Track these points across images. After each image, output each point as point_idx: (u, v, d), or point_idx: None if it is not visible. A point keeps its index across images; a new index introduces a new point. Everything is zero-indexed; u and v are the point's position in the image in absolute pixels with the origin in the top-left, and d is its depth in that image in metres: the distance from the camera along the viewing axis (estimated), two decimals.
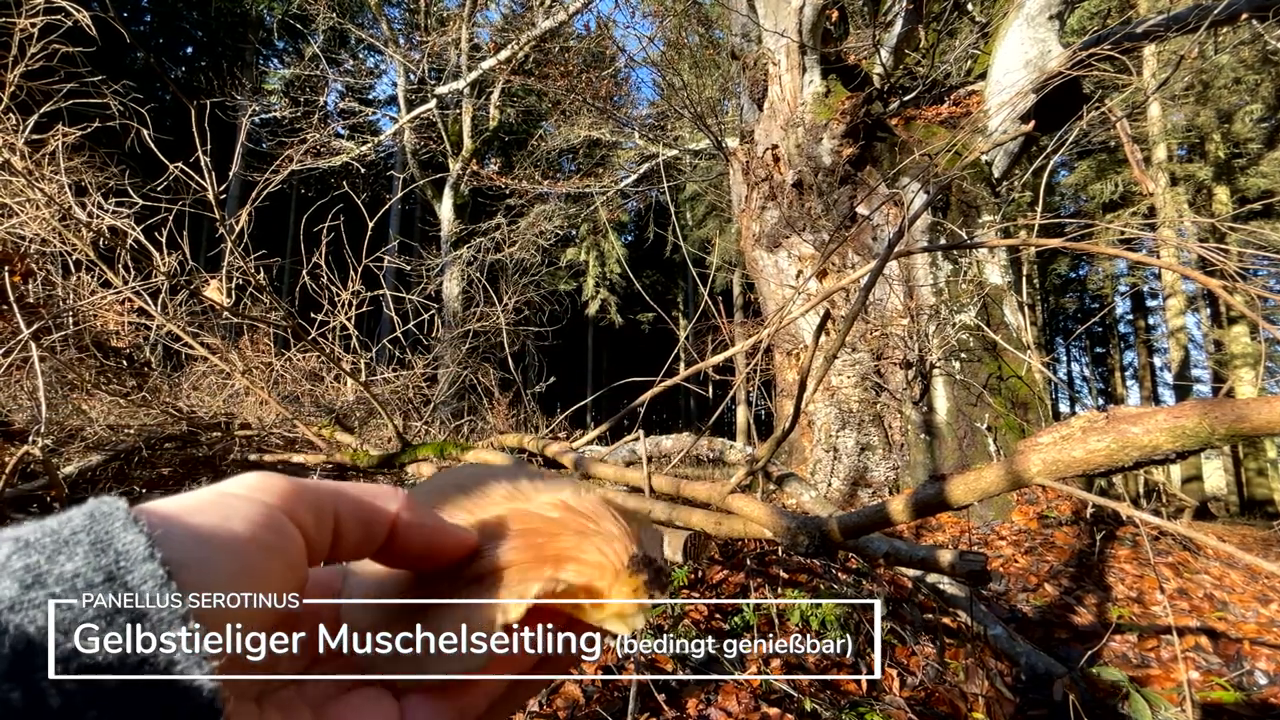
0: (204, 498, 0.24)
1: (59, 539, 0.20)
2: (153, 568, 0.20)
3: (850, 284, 3.12)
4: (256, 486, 0.25)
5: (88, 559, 0.20)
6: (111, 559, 0.20)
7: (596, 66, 10.20)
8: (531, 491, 0.37)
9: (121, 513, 0.21)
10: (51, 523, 0.21)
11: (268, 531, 0.24)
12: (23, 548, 0.20)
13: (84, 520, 0.21)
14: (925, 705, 1.90)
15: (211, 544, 0.22)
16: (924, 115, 5.19)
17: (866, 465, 4.52)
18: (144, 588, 0.20)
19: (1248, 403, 0.82)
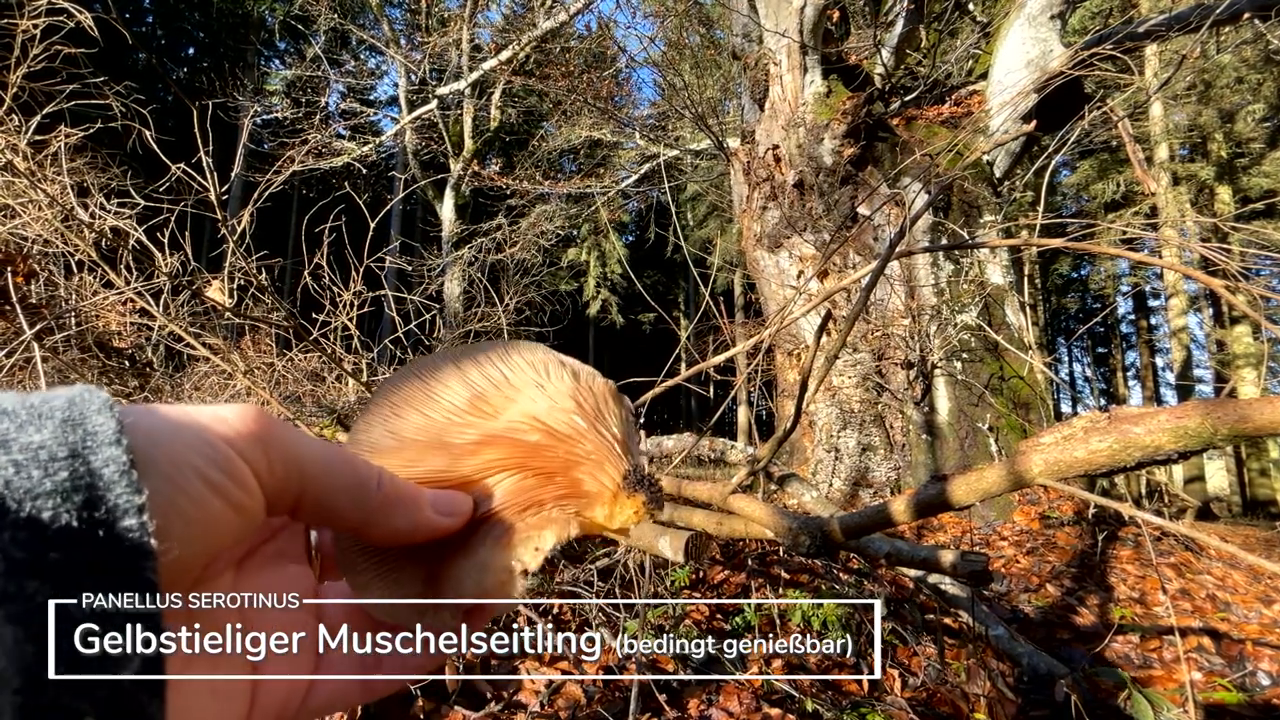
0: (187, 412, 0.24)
1: (34, 412, 0.21)
2: (117, 453, 0.20)
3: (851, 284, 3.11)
4: (231, 419, 0.25)
5: (56, 433, 0.20)
6: (79, 437, 0.20)
7: (597, 67, 10.21)
8: (497, 399, 0.35)
9: (100, 399, 0.22)
10: (35, 397, 0.21)
11: (213, 468, 0.23)
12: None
13: (64, 401, 0.21)
14: (927, 706, 1.89)
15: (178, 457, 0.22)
16: (925, 115, 5.18)
17: (868, 465, 4.51)
18: (105, 470, 0.20)
19: (1250, 403, 0.82)
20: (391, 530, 0.29)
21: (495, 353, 0.36)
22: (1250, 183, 13.00)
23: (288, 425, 0.27)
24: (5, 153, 2.11)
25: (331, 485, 0.27)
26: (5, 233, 2.34)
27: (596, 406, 0.35)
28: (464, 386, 0.35)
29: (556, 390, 0.35)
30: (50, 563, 0.19)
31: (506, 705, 1.50)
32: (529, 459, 0.33)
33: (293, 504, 0.27)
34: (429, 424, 0.34)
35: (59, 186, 2.24)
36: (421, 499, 0.30)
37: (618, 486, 0.33)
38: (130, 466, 0.20)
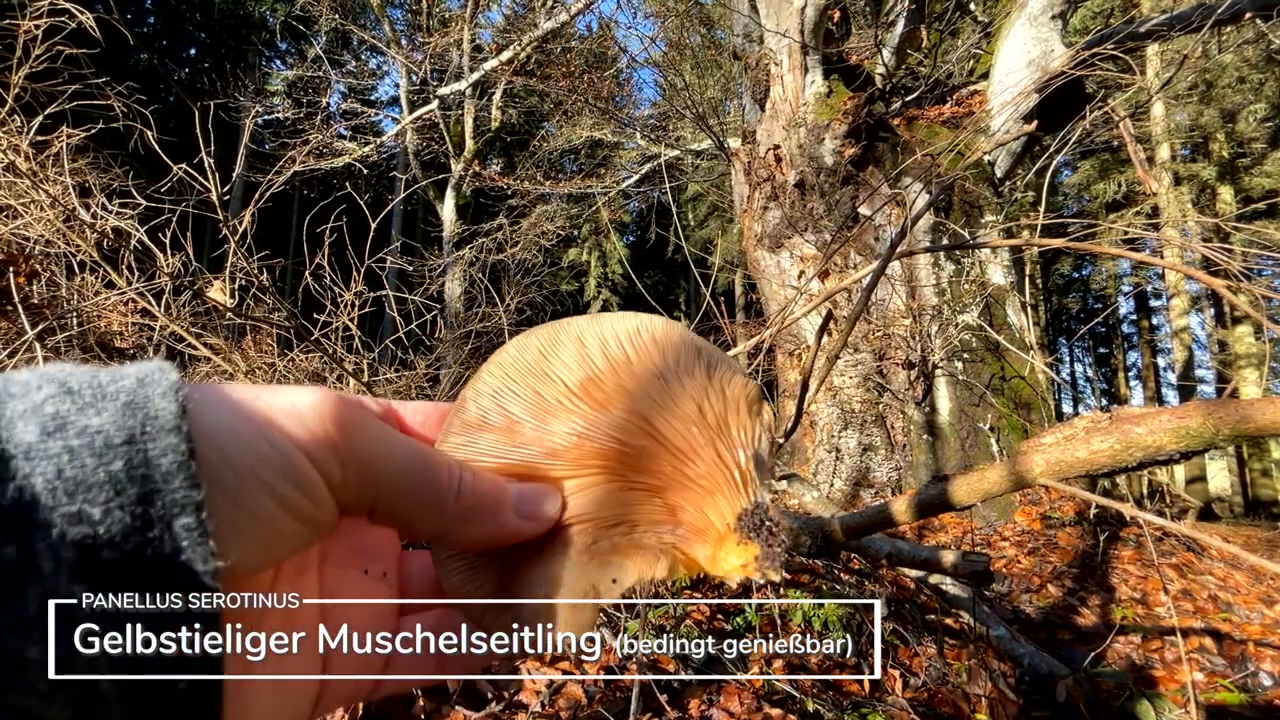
0: (260, 406, 0.23)
1: (100, 393, 0.19)
2: (175, 441, 0.19)
3: (852, 284, 3.11)
4: (307, 418, 0.23)
5: (116, 418, 0.19)
6: (139, 421, 0.19)
7: (598, 67, 10.21)
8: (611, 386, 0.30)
9: (168, 382, 0.20)
10: (105, 375, 0.20)
11: (282, 480, 0.22)
12: (62, 393, 0.19)
13: (133, 381, 0.20)
14: (928, 706, 1.89)
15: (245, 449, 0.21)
16: (926, 115, 5.18)
17: (869, 466, 4.51)
18: (163, 461, 0.19)
19: (1252, 403, 0.82)
20: (467, 540, 0.28)
21: (625, 327, 0.31)
22: (1252, 182, 12.98)
23: (367, 420, 0.25)
24: (7, 153, 2.11)
25: (408, 498, 0.26)
26: (7, 233, 2.35)
27: (723, 417, 0.30)
28: (579, 365, 0.30)
29: (679, 388, 0.30)
30: (101, 563, 0.18)
31: (507, 705, 1.51)
32: (631, 467, 0.29)
33: (368, 511, 0.25)
34: (538, 404, 0.30)
35: (61, 187, 2.24)
36: (504, 503, 0.28)
37: (728, 528, 0.28)
38: (189, 457, 0.19)
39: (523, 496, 0.29)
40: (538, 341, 0.31)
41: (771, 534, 0.28)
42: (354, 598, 0.29)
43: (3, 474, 0.17)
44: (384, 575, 0.31)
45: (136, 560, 0.18)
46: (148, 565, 0.18)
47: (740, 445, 0.30)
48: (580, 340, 0.31)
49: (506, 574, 0.29)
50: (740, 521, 0.28)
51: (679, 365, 0.31)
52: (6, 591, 0.16)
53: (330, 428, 0.23)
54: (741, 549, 0.28)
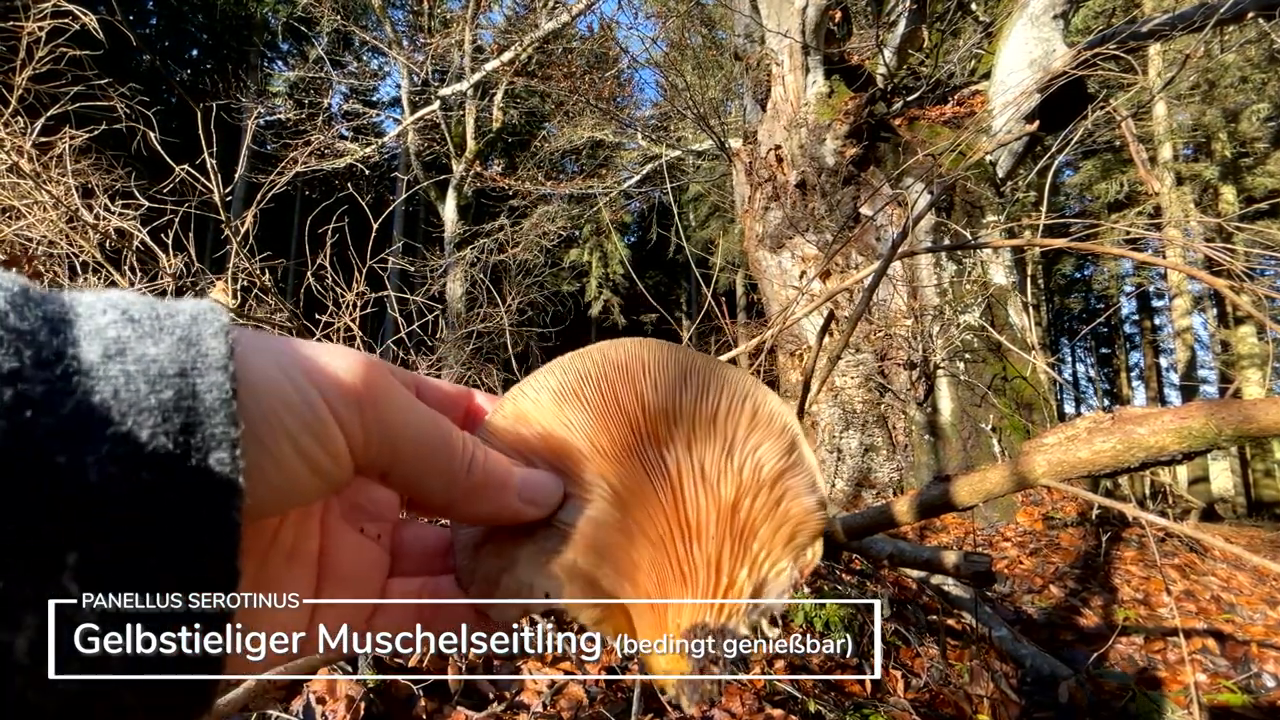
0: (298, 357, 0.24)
1: (158, 325, 0.21)
2: (221, 379, 0.20)
3: (854, 284, 3.11)
4: (341, 374, 0.24)
5: (171, 349, 0.20)
6: (191, 356, 0.20)
7: (599, 68, 10.21)
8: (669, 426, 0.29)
9: (219, 322, 0.22)
10: (163, 306, 0.21)
11: (306, 433, 0.23)
12: (124, 320, 0.20)
13: (187, 317, 0.21)
14: (929, 707, 1.89)
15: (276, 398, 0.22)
16: (928, 115, 5.17)
17: (870, 466, 4.50)
18: (208, 396, 0.20)
19: (1255, 403, 0.82)
20: (473, 515, 0.30)
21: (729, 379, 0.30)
22: (1254, 182, 12.95)
23: (394, 387, 0.26)
24: (11, 154, 2.12)
25: (422, 467, 0.27)
26: (11, 234, 2.35)
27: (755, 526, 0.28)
28: (649, 394, 0.30)
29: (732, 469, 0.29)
30: (140, 483, 0.19)
31: (509, 705, 1.51)
32: (637, 507, 0.29)
33: (381, 474, 0.27)
34: (588, 414, 0.30)
35: (64, 188, 2.25)
36: (509, 485, 0.29)
37: (676, 628, 0.26)
38: (232, 395, 0.20)
39: (527, 483, 0.30)
40: (618, 354, 0.31)
41: (712, 664, 0.26)
42: (349, 553, 0.30)
43: (66, 386, 0.18)
44: (379, 538, 0.32)
45: (171, 484, 0.19)
46: (180, 490, 0.19)
47: (752, 564, 0.28)
48: (660, 369, 0.30)
49: (489, 542, 0.31)
50: (691, 634, 0.26)
51: (753, 447, 0.30)
52: (53, 496, 0.17)
53: (360, 390, 0.25)
54: (674, 659, 0.26)
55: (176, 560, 0.19)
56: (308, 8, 10.93)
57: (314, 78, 11.06)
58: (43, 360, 0.18)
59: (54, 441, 0.17)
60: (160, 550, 0.19)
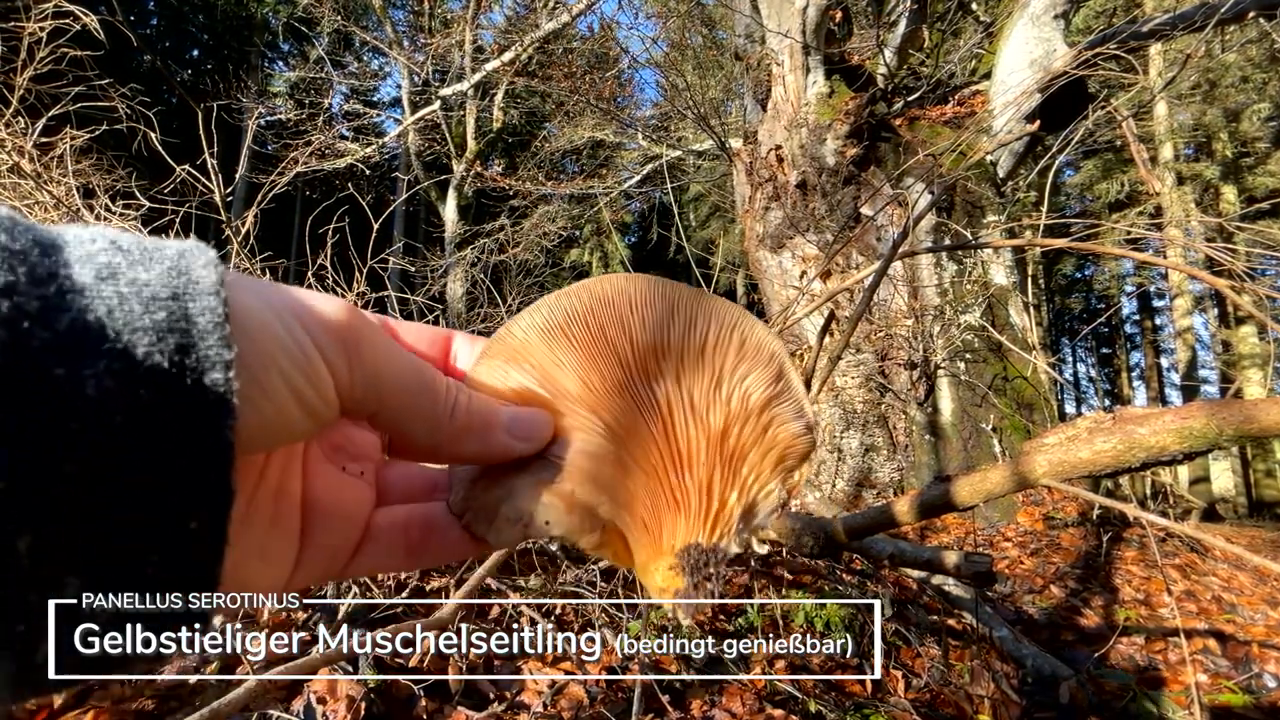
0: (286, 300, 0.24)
1: (148, 254, 0.21)
2: (214, 303, 0.21)
3: (854, 285, 3.11)
4: (329, 316, 0.25)
5: (162, 275, 0.20)
6: (182, 282, 0.21)
7: (600, 68, 10.21)
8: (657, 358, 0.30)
9: (208, 255, 0.22)
10: (149, 241, 0.22)
11: (296, 371, 0.23)
12: (114, 248, 0.20)
13: (175, 251, 0.22)
14: (930, 707, 1.89)
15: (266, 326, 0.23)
16: (928, 115, 5.17)
17: (871, 466, 4.50)
18: (201, 319, 0.20)
19: (1256, 403, 0.82)
20: (460, 456, 0.30)
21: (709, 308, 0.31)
22: (1255, 182, 12.94)
23: (377, 333, 0.27)
24: (12, 154, 2.12)
25: (406, 412, 0.27)
26: None
27: (744, 451, 0.30)
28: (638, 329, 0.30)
29: (720, 399, 0.30)
30: (138, 400, 0.19)
31: (509, 706, 1.51)
32: (631, 440, 0.30)
33: (369, 415, 0.27)
34: (577, 350, 0.30)
35: (65, 188, 2.25)
36: (494, 423, 0.29)
37: (670, 549, 0.28)
38: (225, 320, 0.21)
39: (516, 419, 0.30)
40: (604, 290, 0.31)
41: (705, 580, 0.27)
42: (333, 489, 0.30)
43: (61, 303, 0.18)
44: (361, 474, 0.32)
45: (167, 401, 0.19)
46: (176, 407, 0.20)
47: (741, 488, 0.29)
48: (648, 305, 0.30)
49: (484, 476, 0.31)
50: (685, 553, 0.28)
51: (741, 377, 0.30)
52: (52, 408, 0.17)
53: (345, 333, 0.25)
54: (670, 575, 0.27)
55: (175, 475, 0.19)
56: (308, 8, 10.94)
57: (314, 78, 11.07)
58: (36, 277, 0.18)
59: (51, 355, 0.17)
60: (158, 465, 0.19)
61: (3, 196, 2.25)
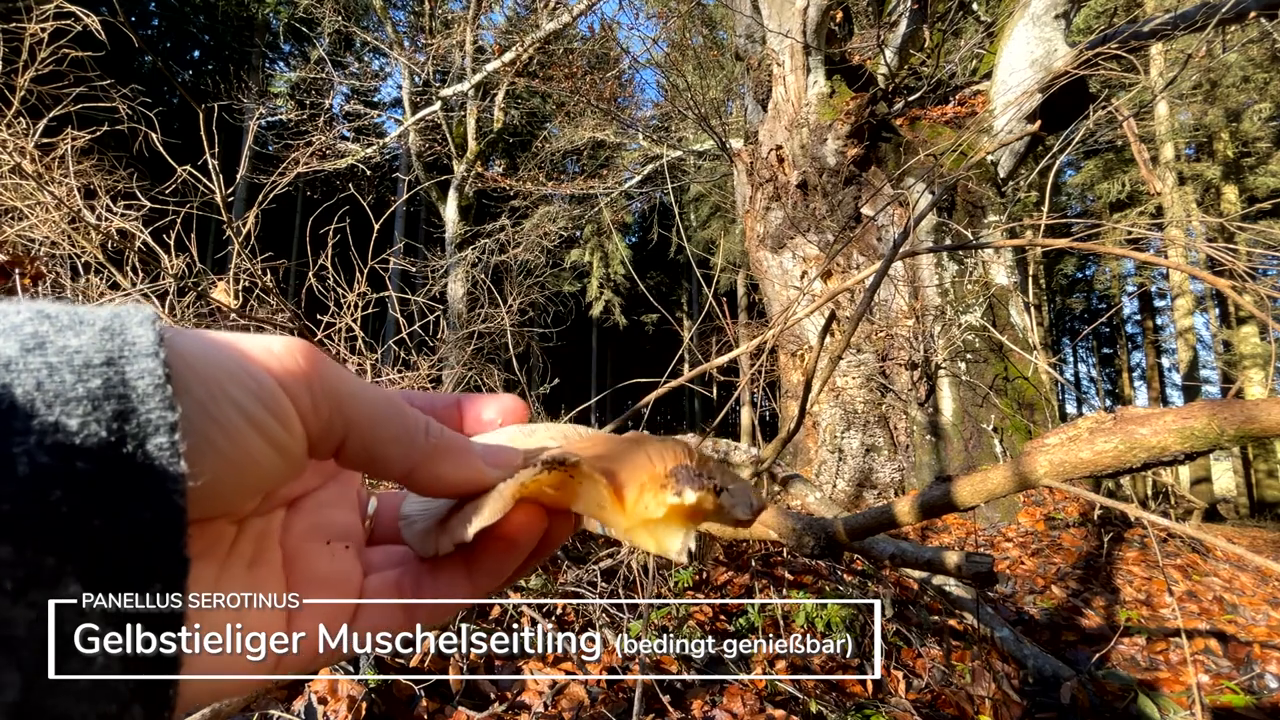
0: (232, 340, 0.23)
1: (77, 318, 0.20)
2: (153, 365, 0.20)
3: (855, 285, 3.11)
4: (278, 351, 0.24)
5: (94, 339, 0.19)
6: (117, 345, 0.20)
7: (601, 68, 10.22)
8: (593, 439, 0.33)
9: (144, 314, 0.21)
10: (82, 308, 0.21)
11: (253, 401, 0.22)
12: (40, 317, 0.19)
13: (108, 313, 0.21)
14: (931, 708, 1.89)
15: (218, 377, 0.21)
16: (929, 115, 5.17)
17: (872, 466, 4.50)
18: (140, 382, 0.19)
19: (1257, 403, 0.82)
20: (438, 478, 0.28)
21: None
22: (1257, 182, 12.93)
23: (335, 364, 0.26)
24: (13, 155, 2.12)
25: (378, 430, 0.26)
26: (13, 235, 2.36)
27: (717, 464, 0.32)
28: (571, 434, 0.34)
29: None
30: (76, 472, 0.18)
31: (510, 706, 1.51)
32: (595, 438, 0.32)
33: (336, 447, 0.26)
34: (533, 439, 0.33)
35: (66, 188, 2.25)
36: (470, 450, 0.29)
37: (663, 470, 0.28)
38: (166, 380, 0.20)
39: (488, 446, 0.30)
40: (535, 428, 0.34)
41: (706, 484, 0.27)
42: (319, 559, 0.29)
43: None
44: (346, 548, 0.31)
45: (108, 472, 0.18)
46: (119, 478, 0.19)
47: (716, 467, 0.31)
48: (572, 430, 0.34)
49: (452, 515, 0.30)
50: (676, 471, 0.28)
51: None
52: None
53: (301, 361, 0.24)
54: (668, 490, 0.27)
55: (120, 548, 0.18)
56: (309, 9, 10.95)
57: (315, 78, 11.08)
58: None
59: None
60: (102, 539, 0.18)
61: (4, 197, 2.25)
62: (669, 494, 0.27)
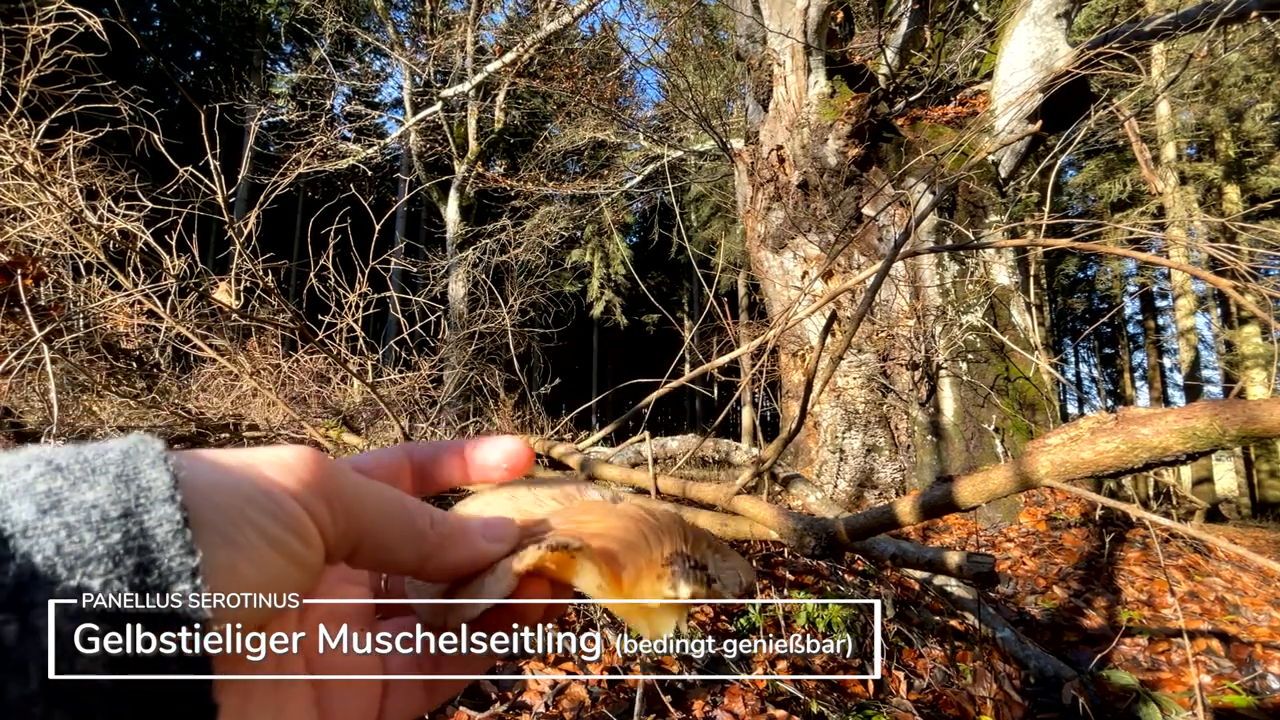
0: (244, 460, 0.24)
1: (88, 467, 0.20)
2: (170, 510, 0.20)
3: (856, 285, 3.11)
4: (292, 464, 0.24)
5: (109, 490, 0.19)
6: (133, 494, 0.20)
7: (601, 68, 10.22)
8: (589, 492, 0.35)
9: (154, 451, 0.21)
10: (89, 450, 0.21)
11: (274, 522, 0.23)
12: (51, 470, 0.19)
13: (118, 454, 0.21)
14: (933, 708, 1.88)
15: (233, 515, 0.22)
16: (930, 115, 5.17)
17: (873, 467, 4.49)
18: (158, 531, 0.19)
19: (1259, 404, 0.82)
20: (447, 565, 0.29)
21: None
22: (1259, 182, 12.91)
23: (342, 468, 0.26)
24: (15, 156, 2.13)
25: (388, 532, 0.27)
26: (15, 235, 2.36)
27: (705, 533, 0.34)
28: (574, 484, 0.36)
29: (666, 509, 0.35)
30: (100, 632, 0.18)
31: (511, 706, 1.51)
32: (595, 509, 0.33)
33: (350, 552, 0.26)
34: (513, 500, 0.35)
35: (68, 189, 2.26)
36: (472, 531, 0.30)
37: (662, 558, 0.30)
38: (184, 525, 0.20)
39: (487, 523, 0.31)
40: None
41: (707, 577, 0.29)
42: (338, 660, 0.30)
43: (4, 553, 0.17)
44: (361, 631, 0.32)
45: (130, 627, 0.19)
46: (141, 631, 0.19)
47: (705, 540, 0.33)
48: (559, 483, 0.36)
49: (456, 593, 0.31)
50: (674, 558, 0.30)
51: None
52: (8, 669, 0.17)
53: (313, 472, 0.24)
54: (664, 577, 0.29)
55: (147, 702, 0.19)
56: (310, 9, 10.96)
57: (316, 79, 11.09)
58: None
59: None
60: (128, 693, 0.18)
61: (6, 198, 2.26)
62: (665, 587, 0.29)
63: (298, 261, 2.98)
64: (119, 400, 2.82)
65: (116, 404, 2.84)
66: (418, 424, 3.49)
